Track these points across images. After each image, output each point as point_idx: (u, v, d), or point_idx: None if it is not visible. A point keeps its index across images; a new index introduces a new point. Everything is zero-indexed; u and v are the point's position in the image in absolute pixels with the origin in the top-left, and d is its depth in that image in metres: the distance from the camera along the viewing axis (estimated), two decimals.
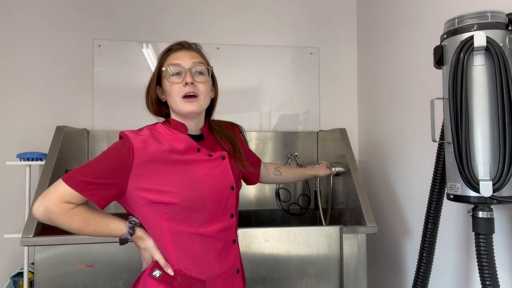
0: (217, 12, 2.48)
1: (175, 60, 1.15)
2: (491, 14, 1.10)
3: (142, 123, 1.22)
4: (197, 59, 1.17)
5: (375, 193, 2.28)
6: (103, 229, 1.09)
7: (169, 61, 1.16)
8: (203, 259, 1.14)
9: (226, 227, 1.18)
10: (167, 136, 1.15)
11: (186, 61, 1.15)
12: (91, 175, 1.04)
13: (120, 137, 1.13)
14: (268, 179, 1.60)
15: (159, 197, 1.09)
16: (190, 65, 1.14)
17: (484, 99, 1.08)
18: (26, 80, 2.29)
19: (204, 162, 1.16)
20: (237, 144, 1.28)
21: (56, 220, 1.03)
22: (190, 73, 1.14)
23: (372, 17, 2.40)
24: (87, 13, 2.36)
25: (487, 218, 1.13)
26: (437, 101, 1.20)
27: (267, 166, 1.60)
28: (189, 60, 1.15)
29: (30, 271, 1.95)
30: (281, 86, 2.54)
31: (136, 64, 2.38)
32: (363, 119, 2.51)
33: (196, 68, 1.15)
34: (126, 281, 1.58)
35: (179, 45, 1.19)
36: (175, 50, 1.18)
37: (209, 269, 1.14)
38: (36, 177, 2.05)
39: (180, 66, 1.14)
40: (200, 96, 1.15)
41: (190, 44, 1.21)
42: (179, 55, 1.16)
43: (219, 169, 1.18)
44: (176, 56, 1.16)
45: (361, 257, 1.71)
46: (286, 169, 1.68)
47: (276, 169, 1.63)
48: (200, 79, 1.15)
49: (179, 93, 1.13)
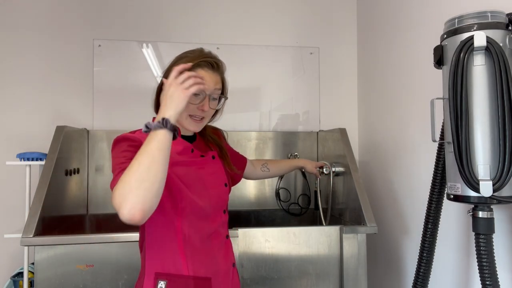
0: (217, 12, 2.48)
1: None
2: (491, 14, 1.10)
3: (141, 122, 1.21)
4: (219, 85, 1.18)
5: (375, 193, 2.27)
6: (139, 156, 0.95)
7: None
8: (209, 256, 1.17)
9: (222, 222, 1.24)
10: None
11: (210, 86, 1.15)
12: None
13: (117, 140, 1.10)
14: (256, 175, 1.66)
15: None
16: (212, 91, 1.16)
17: (484, 99, 1.08)
18: (26, 80, 2.29)
19: (199, 162, 1.21)
20: (224, 148, 1.34)
21: (139, 198, 0.90)
22: (209, 100, 1.15)
23: (372, 17, 2.40)
24: (87, 13, 2.36)
25: (487, 218, 1.13)
26: (437, 101, 1.20)
27: (254, 163, 1.65)
28: (212, 86, 1.16)
29: (30, 271, 1.95)
30: (281, 86, 2.54)
31: (136, 64, 2.38)
32: (363, 119, 2.51)
33: (214, 94, 1.17)
34: (126, 281, 1.58)
35: (209, 64, 1.16)
36: (204, 66, 1.15)
37: (213, 265, 1.17)
38: (36, 177, 2.05)
39: (203, 90, 1.12)
40: (206, 119, 1.19)
41: (219, 65, 1.20)
42: (207, 77, 1.14)
43: (213, 168, 1.25)
44: (204, 75, 1.13)
45: (361, 257, 1.71)
46: (273, 164, 1.72)
47: (263, 165, 1.67)
48: (213, 105, 1.18)
49: (190, 111, 1.14)
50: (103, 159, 2.27)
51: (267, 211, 2.40)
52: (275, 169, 1.72)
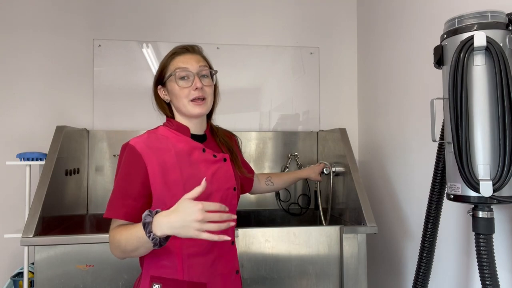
0: (217, 12, 2.48)
1: (182, 64, 1.17)
2: (491, 14, 1.10)
3: (142, 122, 1.22)
4: (202, 62, 1.20)
5: (375, 193, 2.27)
6: (131, 236, 1.01)
7: (175, 65, 1.18)
8: (208, 262, 1.15)
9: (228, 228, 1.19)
10: (172, 138, 1.18)
11: (193, 65, 1.17)
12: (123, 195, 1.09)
13: (124, 148, 1.14)
14: (260, 189, 1.64)
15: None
16: (197, 69, 1.17)
17: (484, 99, 1.08)
18: (26, 80, 2.29)
19: (209, 162, 1.18)
20: (235, 152, 1.33)
21: (117, 249, 1.07)
22: (198, 77, 1.17)
23: (372, 17, 2.40)
24: (87, 13, 2.36)
25: (487, 218, 1.13)
26: (437, 101, 1.20)
27: (259, 176, 1.64)
28: (196, 64, 1.18)
29: (30, 271, 1.95)
30: (281, 86, 2.54)
31: (136, 64, 2.38)
32: (363, 119, 2.51)
33: (202, 72, 1.19)
34: (126, 281, 1.58)
35: (184, 49, 1.21)
36: (180, 53, 1.20)
37: (212, 271, 1.15)
38: (36, 177, 2.06)
39: (187, 70, 1.17)
40: (208, 98, 1.20)
41: (194, 48, 1.23)
42: (186, 59, 1.18)
43: (223, 170, 1.21)
44: (182, 60, 1.18)
45: (361, 257, 1.71)
46: (277, 177, 1.70)
47: (267, 179, 1.66)
48: (206, 82, 1.19)
49: (188, 97, 1.16)
50: (103, 159, 2.27)
51: (267, 211, 2.40)
52: (279, 182, 1.70)
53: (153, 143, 1.13)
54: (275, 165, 2.44)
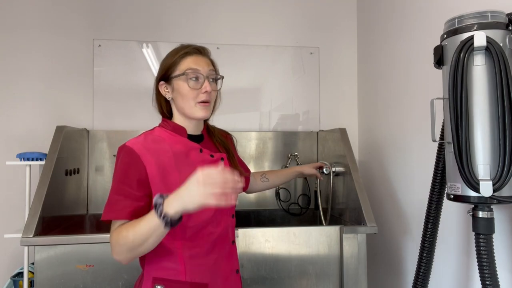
0: (217, 12, 2.48)
1: (194, 65, 1.16)
2: (491, 14, 1.10)
3: (141, 123, 1.22)
4: (211, 66, 1.20)
5: (375, 193, 2.27)
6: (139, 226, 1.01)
7: (187, 65, 1.16)
8: (210, 262, 1.15)
9: (227, 226, 1.21)
10: (168, 139, 1.17)
11: (204, 68, 1.17)
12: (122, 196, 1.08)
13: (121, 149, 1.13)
14: (257, 187, 1.64)
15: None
16: (207, 73, 1.18)
17: (484, 99, 1.08)
18: (26, 80, 2.29)
19: (207, 162, 1.18)
20: (232, 151, 1.33)
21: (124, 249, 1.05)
22: (208, 81, 1.17)
23: (372, 17, 2.40)
24: (87, 13, 2.36)
25: (487, 218, 1.13)
26: (437, 101, 1.20)
27: (254, 174, 1.64)
28: (207, 67, 1.18)
29: (30, 271, 1.95)
30: (281, 86, 2.54)
31: (136, 64, 2.38)
32: (363, 119, 2.51)
33: (211, 76, 1.19)
34: (126, 281, 1.58)
35: (196, 50, 1.20)
36: (192, 53, 1.19)
37: (214, 271, 1.16)
38: (36, 177, 2.06)
39: (199, 72, 1.16)
40: (211, 102, 1.20)
41: (205, 50, 1.23)
42: (198, 61, 1.18)
43: None
44: (195, 61, 1.17)
45: (361, 257, 1.71)
46: (272, 174, 1.70)
47: (262, 176, 1.66)
48: (213, 87, 1.20)
49: (196, 99, 1.16)
50: (103, 159, 2.27)
51: (267, 211, 2.40)
52: (274, 179, 1.69)
53: (150, 145, 1.13)
54: (275, 165, 2.44)
